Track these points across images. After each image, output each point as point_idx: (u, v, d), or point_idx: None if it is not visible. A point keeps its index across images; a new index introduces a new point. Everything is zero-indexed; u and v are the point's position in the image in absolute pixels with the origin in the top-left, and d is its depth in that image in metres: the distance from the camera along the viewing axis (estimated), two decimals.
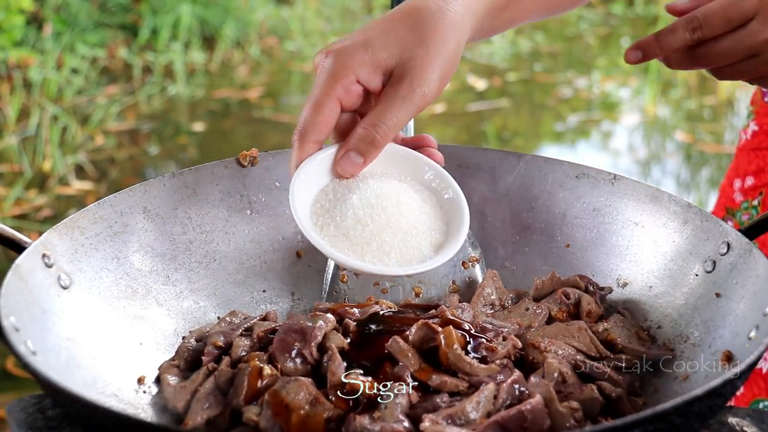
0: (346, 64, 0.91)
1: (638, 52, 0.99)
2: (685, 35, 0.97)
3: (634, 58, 1.00)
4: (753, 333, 0.85)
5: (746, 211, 1.31)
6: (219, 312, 1.05)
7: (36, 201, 3.72)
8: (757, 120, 1.32)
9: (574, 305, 1.01)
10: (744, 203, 1.32)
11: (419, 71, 0.91)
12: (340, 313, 0.97)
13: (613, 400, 0.87)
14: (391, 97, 0.91)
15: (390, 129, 0.91)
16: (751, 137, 1.33)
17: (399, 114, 0.91)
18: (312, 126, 0.91)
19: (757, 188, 1.30)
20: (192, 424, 0.85)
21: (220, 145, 4.48)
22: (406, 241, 0.92)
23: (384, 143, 0.91)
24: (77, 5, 5.61)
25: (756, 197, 1.30)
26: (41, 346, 0.82)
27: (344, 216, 0.91)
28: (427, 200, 0.96)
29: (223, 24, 5.98)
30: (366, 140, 0.91)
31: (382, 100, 0.91)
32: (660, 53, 0.99)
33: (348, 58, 0.91)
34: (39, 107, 4.55)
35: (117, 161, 4.22)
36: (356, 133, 0.92)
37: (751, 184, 1.31)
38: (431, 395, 0.83)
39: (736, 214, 1.33)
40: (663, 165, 4.43)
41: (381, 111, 0.91)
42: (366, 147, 0.91)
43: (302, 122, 0.91)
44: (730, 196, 1.35)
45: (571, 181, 1.13)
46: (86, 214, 0.99)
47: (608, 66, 6.04)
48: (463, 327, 0.91)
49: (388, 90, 0.91)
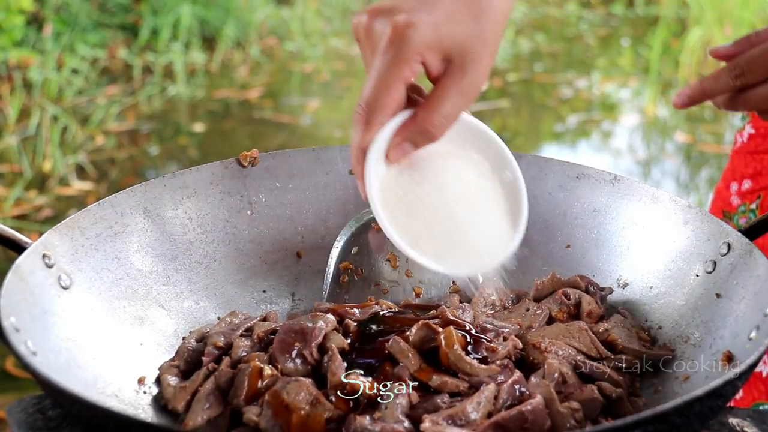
0: (414, 44, 0.87)
1: (684, 97, 1.01)
2: (728, 82, 0.99)
3: (681, 103, 1.02)
4: (753, 333, 0.84)
5: (744, 214, 1.31)
6: (219, 312, 1.05)
7: (36, 201, 3.72)
8: (753, 123, 1.32)
9: (575, 306, 1.01)
10: (741, 206, 1.32)
11: (478, 66, 0.89)
12: (341, 313, 0.97)
13: (613, 401, 0.87)
14: (450, 87, 0.88)
15: (446, 121, 0.89)
16: (748, 140, 1.33)
17: (456, 106, 0.88)
18: (380, 107, 0.87)
19: (755, 191, 1.30)
20: (192, 424, 0.85)
21: (220, 146, 4.48)
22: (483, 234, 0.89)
23: (439, 136, 0.89)
24: (77, 5, 5.61)
25: (754, 200, 1.30)
26: (41, 346, 0.82)
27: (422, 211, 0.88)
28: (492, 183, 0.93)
29: (223, 24, 5.98)
30: (422, 133, 0.88)
31: (441, 90, 0.89)
32: (705, 99, 1.01)
33: (418, 38, 0.87)
34: (39, 107, 4.55)
35: (117, 161, 4.22)
36: (413, 123, 0.89)
37: (749, 187, 1.31)
38: (431, 395, 0.83)
39: (733, 217, 1.33)
40: (662, 166, 4.43)
41: (440, 101, 0.88)
42: (421, 139, 0.89)
43: (368, 101, 0.87)
44: (727, 199, 1.35)
45: (572, 182, 1.13)
46: (87, 214, 0.99)
47: (608, 66, 6.04)
48: (463, 327, 0.91)
49: (447, 81, 0.89)
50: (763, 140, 1.30)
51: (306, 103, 5.14)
